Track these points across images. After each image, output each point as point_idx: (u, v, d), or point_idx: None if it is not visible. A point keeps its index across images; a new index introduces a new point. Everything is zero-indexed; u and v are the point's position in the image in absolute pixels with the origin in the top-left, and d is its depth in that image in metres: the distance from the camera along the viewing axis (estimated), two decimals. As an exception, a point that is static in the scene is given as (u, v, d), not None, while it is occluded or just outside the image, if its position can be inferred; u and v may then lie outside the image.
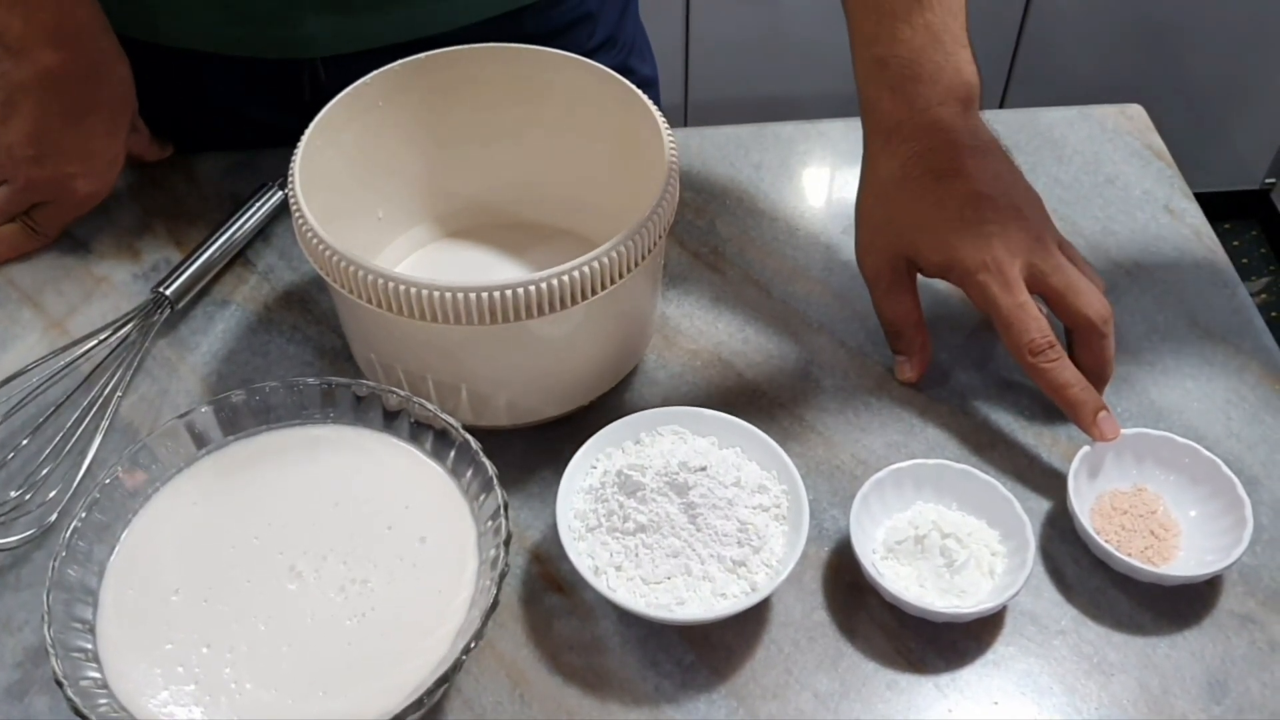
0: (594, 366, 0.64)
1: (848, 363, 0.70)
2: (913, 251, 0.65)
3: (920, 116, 0.65)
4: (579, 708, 0.55)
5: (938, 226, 0.64)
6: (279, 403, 0.60)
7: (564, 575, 0.60)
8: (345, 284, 0.57)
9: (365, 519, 0.57)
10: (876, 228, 0.67)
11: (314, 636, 0.53)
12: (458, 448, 0.58)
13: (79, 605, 0.53)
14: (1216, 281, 0.75)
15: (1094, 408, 0.62)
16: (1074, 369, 0.63)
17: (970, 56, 0.67)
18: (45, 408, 0.65)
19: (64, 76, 0.70)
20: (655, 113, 0.64)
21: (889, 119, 0.66)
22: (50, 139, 0.71)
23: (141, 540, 0.56)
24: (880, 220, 0.67)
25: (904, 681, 0.56)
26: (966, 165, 0.65)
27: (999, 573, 0.58)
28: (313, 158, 0.62)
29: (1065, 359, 0.63)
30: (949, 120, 0.65)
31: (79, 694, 0.49)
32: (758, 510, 0.58)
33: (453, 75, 0.68)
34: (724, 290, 0.74)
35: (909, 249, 0.65)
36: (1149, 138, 0.84)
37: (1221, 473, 0.60)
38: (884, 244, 0.67)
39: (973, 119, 0.66)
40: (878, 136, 0.67)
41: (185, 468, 0.58)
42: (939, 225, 0.64)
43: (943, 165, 0.65)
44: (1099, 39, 1.80)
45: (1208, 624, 0.58)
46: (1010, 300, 0.62)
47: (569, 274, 0.56)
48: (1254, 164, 2.03)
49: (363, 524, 0.57)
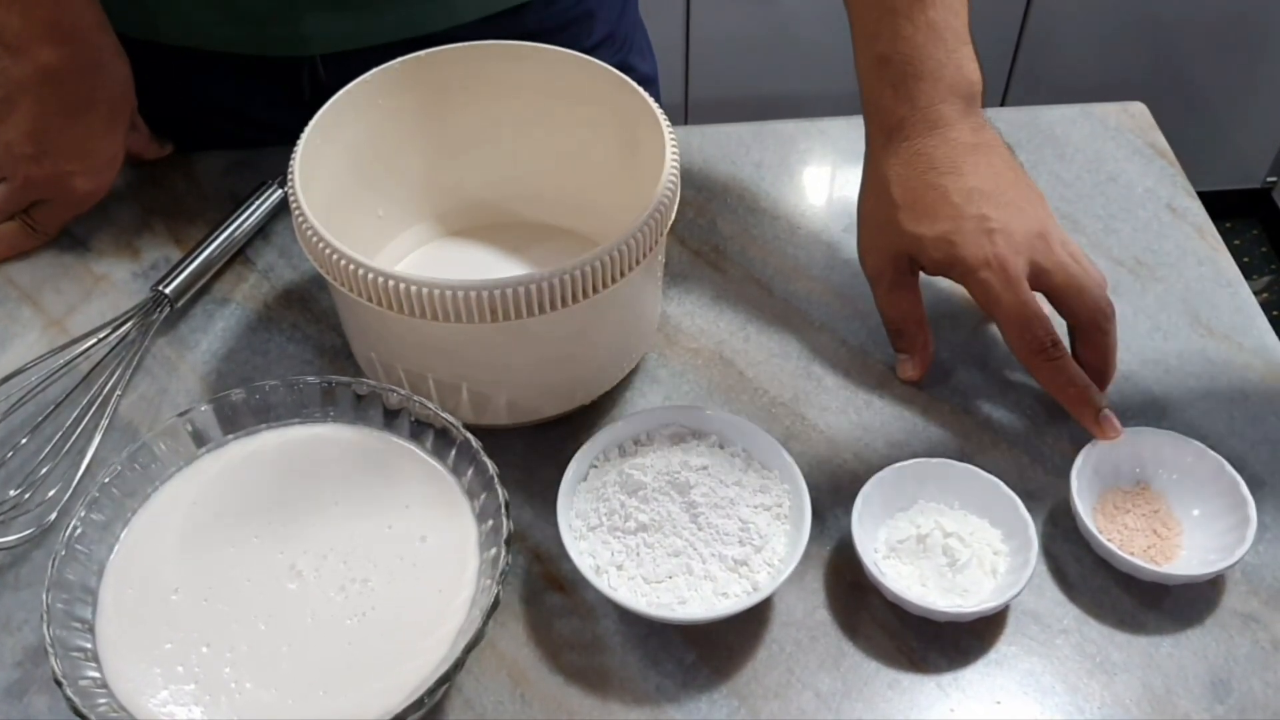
0: (595, 365, 0.63)
1: (849, 361, 0.69)
2: (914, 249, 0.65)
3: (922, 114, 0.65)
4: (580, 707, 0.55)
5: (939, 224, 0.64)
6: (279, 401, 0.60)
7: (565, 574, 0.59)
8: (345, 282, 0.57)
9: (366, 518, 0.57)
10: (878, 226, 0.67)
11: (314, 636, 0.52)
12: (458, 446, 0.58)
13: (78, 604, 0.53)
14: (1219, 280, 0.74)
15: (1096, 406, 0.62)
16: (1076, 367, 0.63)
17: (972, 54, 0.66)
18: (44, 406, 0.64)
19: (62, 73, 0.69)
20: (656, 110, 0.63)
21: (891, 116, 0.66)
22: (49, 137, 0.71)
23: (141, 539, 0.56)
24: (882, 218, 0.67)
25: (906, 681, 0.56)
26: (968, 162, 0.65)
27: (1001, 572, 0.58)
28: (312, 156, 0.62)
29: (1068, 357, 0.63)
30: (951, 117, 0.65)
31: (78, 693, 0.48)
32: (759, 509, 0.58)
33: (453, 73, 0.68)
34: (725, 289, 0.73)
35: (911, 246, 0.65)
36: (1151, 136, 0.84)
37: (1225, 471, 0.60)
38: (885, 242, 0.67)
39: (975, 116, 0.66)
40: (879, 134, 0.67)
41: (185, 466, 0.58)
42: (940, 222, 0.64)
43: (944, 163, 0.65)
44: (1100, 38, 1.80)
45: (1211, 623, 0.58)
46: (1013, 297, 0.62)
47: (570, 272, 0.55)
48: (1255, 163, 2.03)
49: (363, 523, 0.56)
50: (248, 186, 0.77)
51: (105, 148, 0.74)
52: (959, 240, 0.63)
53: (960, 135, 0.65)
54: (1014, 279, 0.62)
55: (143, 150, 0.79)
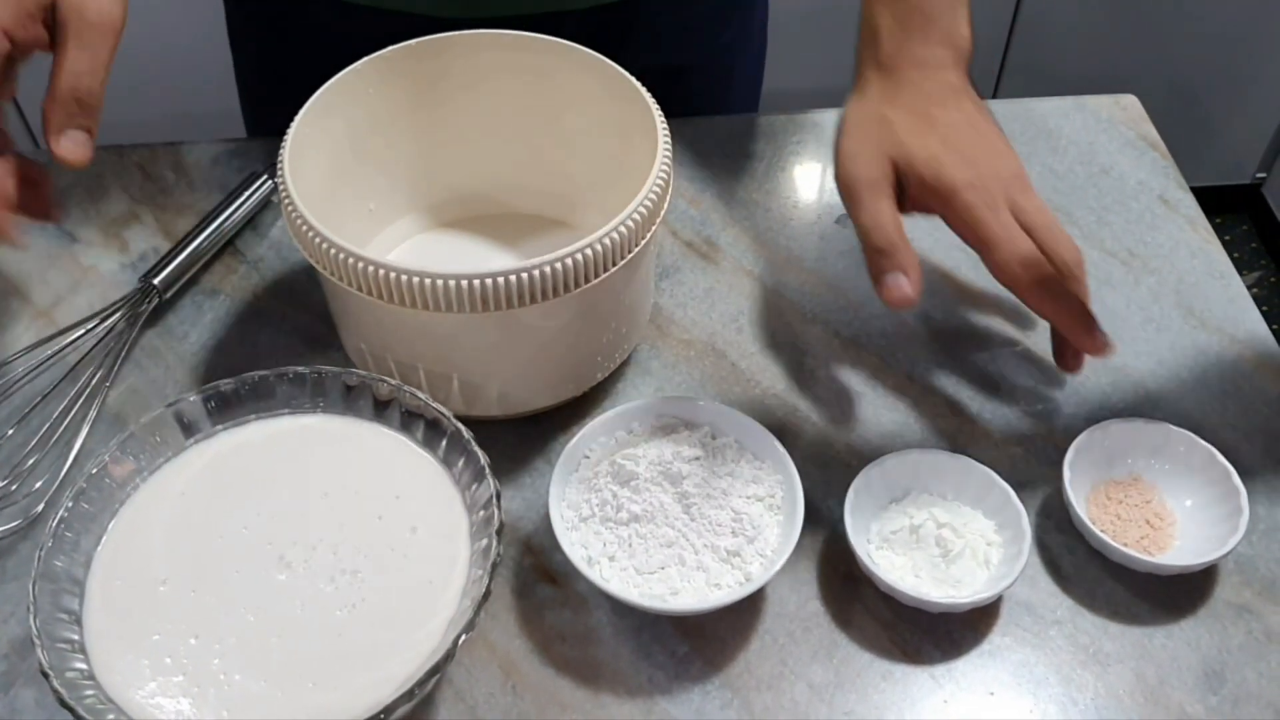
0: (586, 356, 0.63)
1: (841, 353, 0.69)
2: (903, 157, 0.62)
3: (918, 51, 0.66)
4: (572, 699, 0.55)
5: (928, 141, 0.62)
6: (268, 392, 0.59)
7: (556, 566, 0.59)
8: (335, 272, 0.57)
9: (355, 509, 0.56)
10: (866, 132, 0.64)
11: (304, 627, 0.52)
12: (449, 437, 0.57)
13: (65, 596, 0.52)
14: (1212, 271, 0.74)
15: (1089, 324, 0.61)
16: (1064, 284, 0.61)
17: (968, 18, 0.67)
18: (32, 398, 0.64)
19: None
20: (649, 101, 0.63)
21: (888, 47, 0.66)
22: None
23: (129, 530, 0.55)
24: (872, 125, 0.64)
25: (899, 672, 0.56)
26: (953, 102, 0.64)
27: (995, 563, 0.58)
28: (302, 145, 0.61)
29: (1055, 274, 0.61)
30: (945, 62, 0.66)
31: (65, 685, 0.48)
32: (752, 500, 0.58)
33: (444, 63, 0.68)
34: (717, 280, 0.73)
35: (898, 152, 0.63)
36: (1143, 128, 0.84)
37: (1217, 462, 0.60)
38: (873, 150, 0.63)
39: (963, 72, 0.67)
40: (871, 65, 0.67)
41: (174, 457, 0.58)
42: (930, 140, 0.62)
43: (935, 96, 0.64)
44: (1091, 32, 1.80)
45: (1204, 614, 0.58)
46: (996, 218, 0.60)
47: (560, 262, 0.55)
48: (1245, 158, 2.03)
49: (353, 514, 0.56)
50: (237, 177, 0.76)
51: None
52: (947, 162, 0.61)
53: (951, 79, 0.65)
54: (997, 202, 0.61)
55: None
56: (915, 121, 0.63)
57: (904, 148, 0.62)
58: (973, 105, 0.65)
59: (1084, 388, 0.67)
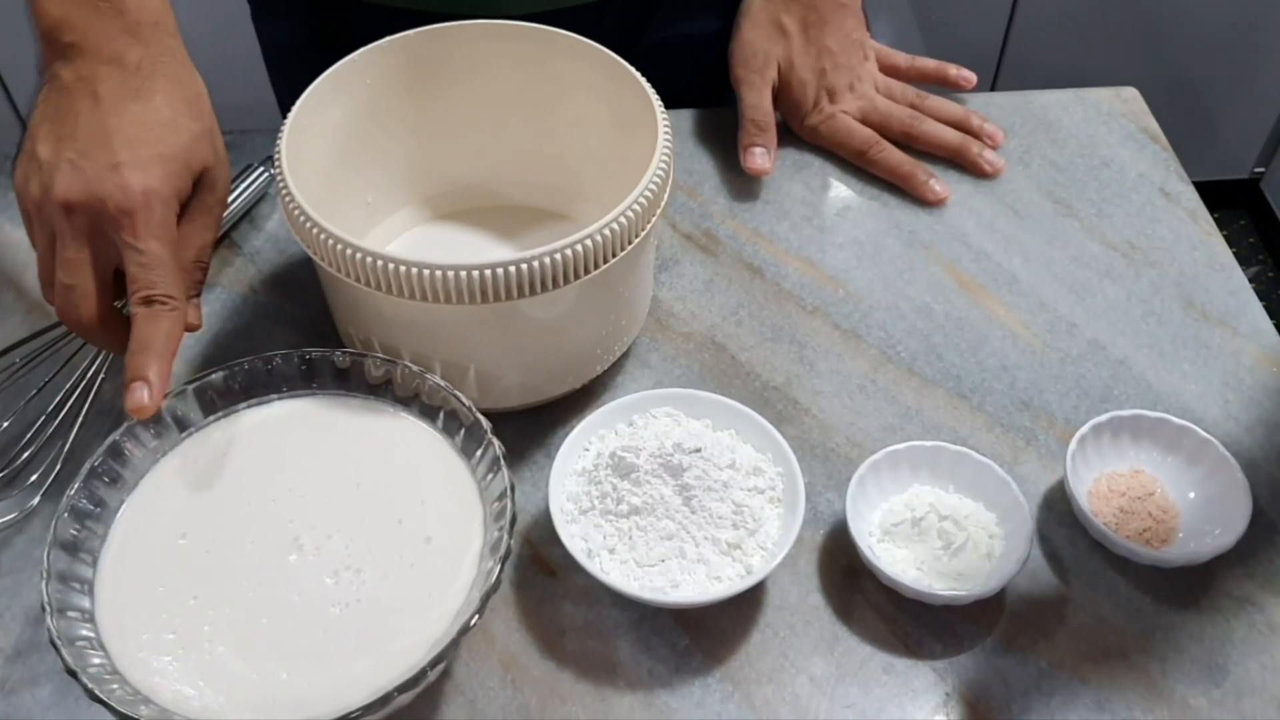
0: (586, 349, 0.63)
1: (841, 345, 0.69)
2: (786, 68, 0.79)
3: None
4: (572, 693, 0.54)
5: (807, 61, 0.79)
6: (292, 374, 0.59)
7: (556, 559, 0.59)
8: (334, 263, 0.56)
9: (381, 508, 0.55)
10: (766, 34, 0.79)
11: (294, 616, 0.51)
12: (468, 429, 0.57)
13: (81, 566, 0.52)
14: (1213, 264, 0.74)
15: (924, 174, 0.77)
16: (900, 153, 0.78)
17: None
18: (27, 390, 0.64)
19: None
20: (649, 92, 0.63)
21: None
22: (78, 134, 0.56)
23: (159, 485, 0.56)
24: (772, 28, 0.79)
25: (901, 665, 0.55)
26: (836, 18, 0.79)
27: (997, 555, 0.57)
28: (299, 137, 0.61)
29: (891, 147, 0.78)
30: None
31: (62, 627, 0.49)
32: (753, 493, 0.57)
33: (442, 53, 0.67)
34: (717, 273, 0.73)
35: (785, 64, 0.79)
36: (1144, 121, 0.84)
37: (1219, 454, 0.60)
38: (765, 52, 0.79)
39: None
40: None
41: (204, 427, 0.58)
42: (808, 60, 0.79)
43: (819, 16, 0.79)
44: (1088, 27, 1.79)
45: (1206, 606, 0.58)
46: (861, 131, 0.79)
47: (559, 253, 0.55)
48: (1243, 153, 2.03)
49: (376, 512, 0.55)
50: (233, 170, 0.76)
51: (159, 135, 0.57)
52: (811, 85, 0.79)
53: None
54: (856, 120, 0.79)
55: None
56: (805, 44, 0.79)
57: (791, 65, 0.79)
58: (855, 21, 0.80)
59: (1086, 380, 0.67)
